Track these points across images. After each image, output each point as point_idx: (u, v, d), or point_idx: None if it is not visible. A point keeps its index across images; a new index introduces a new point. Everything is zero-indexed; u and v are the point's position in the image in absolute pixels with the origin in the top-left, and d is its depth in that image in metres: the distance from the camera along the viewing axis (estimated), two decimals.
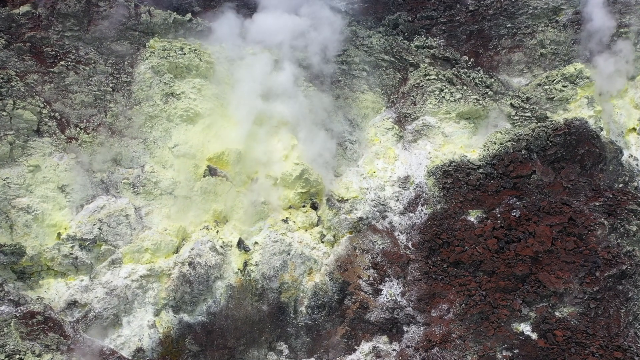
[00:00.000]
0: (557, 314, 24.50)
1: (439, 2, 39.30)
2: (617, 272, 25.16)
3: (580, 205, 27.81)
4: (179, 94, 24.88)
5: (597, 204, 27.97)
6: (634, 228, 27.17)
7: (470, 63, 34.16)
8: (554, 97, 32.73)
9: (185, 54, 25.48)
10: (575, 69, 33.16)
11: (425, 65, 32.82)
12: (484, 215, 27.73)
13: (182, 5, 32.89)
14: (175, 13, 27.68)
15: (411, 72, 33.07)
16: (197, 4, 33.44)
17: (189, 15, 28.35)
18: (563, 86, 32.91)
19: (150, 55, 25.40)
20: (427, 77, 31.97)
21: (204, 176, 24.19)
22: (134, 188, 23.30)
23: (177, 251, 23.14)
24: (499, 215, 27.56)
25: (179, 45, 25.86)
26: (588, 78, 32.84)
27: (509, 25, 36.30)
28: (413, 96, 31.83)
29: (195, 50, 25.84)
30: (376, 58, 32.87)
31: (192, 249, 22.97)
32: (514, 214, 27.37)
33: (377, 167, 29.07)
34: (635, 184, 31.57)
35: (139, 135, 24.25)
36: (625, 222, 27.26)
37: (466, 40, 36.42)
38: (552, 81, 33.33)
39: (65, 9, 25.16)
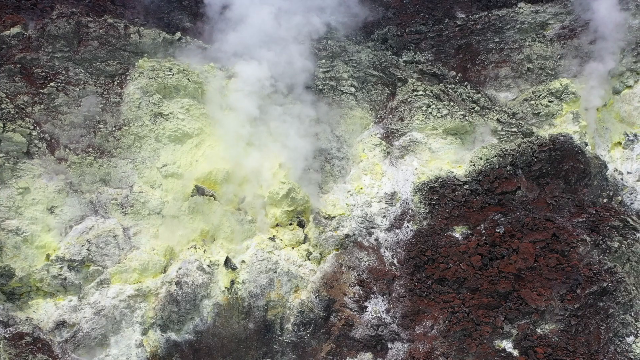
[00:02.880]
0: (538, 330, 24.94)
1: (428, 16, 39.80)
2: (598, 289, 25.60)
3: (563, 221, 28.25)
4: (167, 115, 25.29)
5: (580, 220, 28.42)
6: (616, 244, 27.61)
7: (457, 78, 34.60)
8: (539, 113, 33.19)
9: (173, 74, 25.89)
10: (561, 84, 33.62)
11: (413, 80, 33.24)
12: (469, 232, 28.16)
13: (172, 21, 33.44)
14: (164, 33, 28.07)
15: (399, 87, 33.50)
16: (187, 20, 33.97)
17: (178, 34, 28.74)
18: (549, 101, 33.37)
19: (139, 76, 25.80)
20: (415, 93, 32.39)
21: (192, 196, 24.59)
22: (123, 208, 23.70)
23: (164, 271, 23.55)
24: (483, 232, 27.99)
25: (168, 65, 26.26)
26: (574, 93, 33.30)
27: (496, 39, 36.75)
28: (401, 112, 32.25)
29: (183, 70, 26.25)
30: (365, 73, 33.31)
31: (180, 269, 23.38)
32: (499, 231, 27.81)
33: (364, 184, 29.51)
34: (620, 198, 32.07)
35: (128, 155, 24.66)
36: (608, 238, 27.70)
37: (454, 55, 36.87)
38: (538, 96, 33.79)
39: (55, 31, 25.55)
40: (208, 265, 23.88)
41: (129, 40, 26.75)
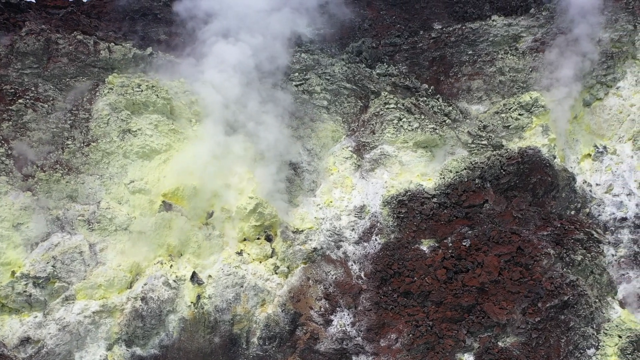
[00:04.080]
0: (500, 344, 25.43)
1: (404, 27, 40.25)
2: (559, 302, 26.13)
3: (529, 234, 28.77)
4: (136, 131, 25.60)
5: (545, 233, 28.94)
6: (579, 257, 28.16)
7: (430, 91, 35.02)
8: (509, 125, 33.64)
9: (142, 90, 26.19)
10: (530, 97, 34.09)
11: (386, 93, 33.64)
12: (437, 245, 28.62)
13: (148, 34, 33.72)
14: (135, 48, 28.36)
15: (372, 100, 33.90)
16: (163, 32, 34.24)
17: (149, 50, 29.05)
18: (519, 114, 33.83)
19: (108, 92, 26.10)
20: (387, 106, 32.80)
21: (159, 212, 24.91)
22: (89, 224, 24.00)
23: (130, 286, 23.87)
24: (450, 245, 28.45)
25: (137, 82, 26.57)
26: (543, 106, 33.78)
27: (470, 52, 37.19)
28: (372, 125, 32.65)
29: (152, 86, 26.56)
30: (338, 86, 33.71)
31: (145, 284, 23.71)
32: (465, 244, 28.28)
33: (334, 197, 29.90)
34: (588, 210, 32.57)
35: (96, 171, 24.96)
36: (571, 251, 28.24)
37: (428, 67, 37.29)
38: (509, 109, 34.23)
39: (25, 48, 25.82)
40: (174, 281, 24.21)
41: (99, 57, 27.05)
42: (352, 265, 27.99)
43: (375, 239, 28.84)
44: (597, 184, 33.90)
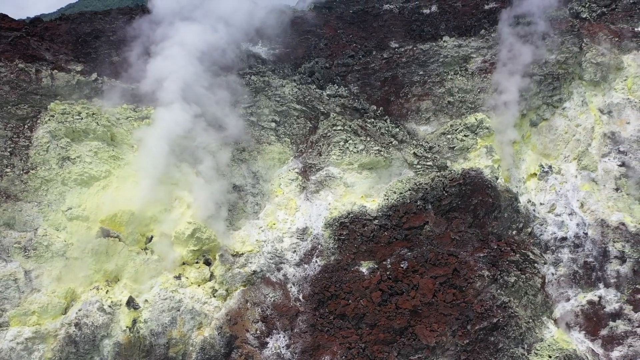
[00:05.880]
0: None
1: (360, 46, 41.00)
2: (488, 324, 26.91)
3: (466, 256, 29.53)
4: (74, 158, 26.16)
5: (482, 255, 29.70)
6: (513, 279, 28.94)
7: (378, 112, 35.74)
8: (455, 147, 34.44)
9: (82, 118, 26.75)
10: (476, 119, 34.92)
11: (335, 114, 34.32)
12: (376, 267, 29.32)
13: (100, 55, 34.26)
14: (79, 75, 28.91)
15: (322, 121, 34.55)
16: (115, 54, 34.79)
17: (94, 75, 29.63)
18: (464, 136, 34.63)
19: (49, 120, 26.64)
20: (334, 127, 33.46)
21: (96, 238, 25.47)
22: (25, 252, 24.54)
23: (65, 312, 24.42)
24: (389, 267, 29.16)
25: (78, 109, 27.10)
26: (487, 128, 34.61)
27: (421, 72, 37.98)
28: (320, 146, 33.32)
29: (93, 114, 27.12)
30: (288, 107, 34.38)
31: (80, 310, 24.28)
32: (403, 266, 29.00)
33: (278, 219, 30.55)
34: (530, 229, 33.39)
35: (34, 199, 25.49)
36: (505, 273, 29.02)
37: (380, 87, 38.05)
38: (455, 130, 35.04)
39: None
40: (109, 306, 24.79)
41: (41, 84, 27.60)
42: (291, 287, 28.65)
43: (316, 261, 29.52)
44: (541, 203, 34.77)
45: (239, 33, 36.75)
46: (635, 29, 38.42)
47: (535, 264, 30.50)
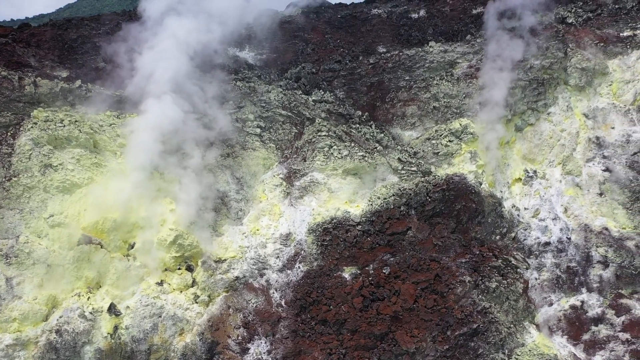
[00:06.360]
0: None
1: (347, 51, 41.23)
2: (468, 330, 27.09)
3: (448, 261, 29.72)
4: (57, 166, 26.31)
5: (464, 260, 29.88)
6: (494, 285, 29.13)
7: (364, 117, 35.94)
8: (439, 152, 34.63)
9: (64, 125, 26.90)
10: (460, 124, 35.12)
11: (320, 120, 34.50)
12: (358, 272, 29.50)
13: (86, 61, 34.47)
14: (62, 82, 29.09)
15: (307, 126, 34.74)
16: (101, 60, 34.98)
17: (78, 82, 29.78)
18: (449, 141, 34.82)
19: (32, 127, 26.80)
20: (319, 133, 33.65)
21: (78, 245, 25.64)
22: (7, 259, 24.68)
23: (46, 319, 24.58)
24: (371, 272, 29.34)
25: (61, 116, 27.26)
26: (472, 134, 34.79)
27: (407, 78, 38.20)
28: (304, 152, 33.50)
29: (75, 121, 27.27)
30: (273, 113, 34.55)
31: (61, 317, 24.45)
32: (385, 271, 29.18)
33: (262, 225, 30.72)
34: (514, 234, 33.58)
35: (16, 206, 25.63)
36: (487, 278, 29.20)
37: (366, 92, 38.27)
38: (440, 135, 35.24)
39: None
40: (90, 312, 24.96)
41: (24, 92, 27.77)
42: (273, 293, 28.83)
43: (299, 267, 29.70)
44: (525, 208, 34.96)
45: (228, 35, 36.89)
46: (621, 34, 38.64)
47: (518, 269, 30.71)
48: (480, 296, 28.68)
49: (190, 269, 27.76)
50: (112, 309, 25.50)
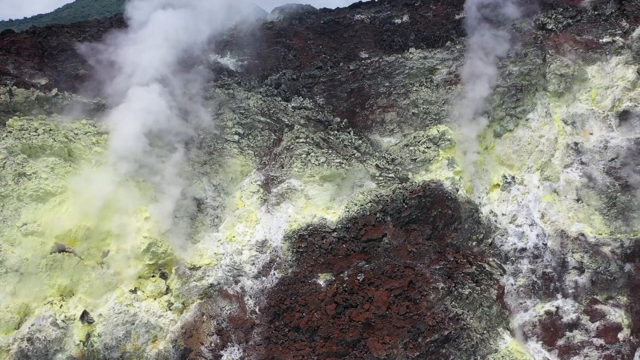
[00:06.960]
0: None
1: (329, 57, 41.38)
2: (439, 337, 27.30)
3: (423, 268, 29.94)
4: (30, 174, 26.52)
5: (438, 267, 30.09)
6: (467, 291, 29.33)
7: (342, 124, 36.14)
8: (417, 159, 34.82)
9: (39, 134, 27.11)
10: (438, 131, 35.31)
11: (299, 127, 34.69)
12: (333, 279, 29.71)
13: (66, 69, 34.68)
14: (38, 91, 29.30)
15: (286, 133, 34.93)
16: (82, 67, 35.18)
17: (54, 91, 29.99)
18: (426, 147, 35.02)
19: (6, 136, 27.02)
20: (297, 140, 33.85)
21: (51, 253, 25.85)
22: None
23: (18, 327, 24.80)
24: (346, 279, 29.56)
25: (35, 125, 27.47)
26: (449, 140, 34.97)
27: (386, 84, 38.39)
28: (282, 158, 33.70)
29: (50, 130, 27.48)
30: (252, 120, 34.76)
31: (32, 325, 24.68)
32: (359, 278, 29.40)
33: (238, 232, 30.92)
34: (491, 240, 33.76)
35: None
36: (460, 285, 29.40)
37: (346, 99, 38.46)
38: (418, 142, 35.42)
39: None
40: (63, 320, 25.18)
41: None
42: (248, 300, 29.04)
43: (274, 274, 29.91)
44: (503, 214, 35.16)
45: (211, 39, 37.15)
46: (600, 41, 38.79)
47: (492, 276, 30.92)
48: (453, 303, 28.90)
49: (164, 276, 27.97)
50: (85, 317, 25.71)
